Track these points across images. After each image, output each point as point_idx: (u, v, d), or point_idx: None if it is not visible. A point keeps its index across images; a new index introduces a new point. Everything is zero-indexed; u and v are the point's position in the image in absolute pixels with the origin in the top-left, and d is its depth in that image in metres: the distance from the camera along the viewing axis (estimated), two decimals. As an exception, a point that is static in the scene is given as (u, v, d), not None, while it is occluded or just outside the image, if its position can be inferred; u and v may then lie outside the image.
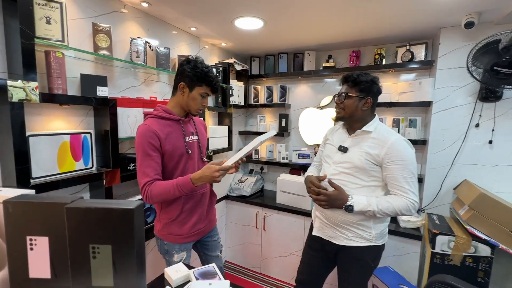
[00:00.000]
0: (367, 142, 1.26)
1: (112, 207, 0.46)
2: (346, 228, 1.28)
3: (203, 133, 1.46)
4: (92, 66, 1.43)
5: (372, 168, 1.24)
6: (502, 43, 1.43)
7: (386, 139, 1.22)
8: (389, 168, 1.21)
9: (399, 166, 1.19)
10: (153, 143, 1.16)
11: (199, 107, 1.27)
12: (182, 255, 1.33)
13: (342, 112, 1.30)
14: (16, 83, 1.01)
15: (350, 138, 1.33)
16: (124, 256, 0.47)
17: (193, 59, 1.25)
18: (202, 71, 1.21)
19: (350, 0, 1.49)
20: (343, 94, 1.28)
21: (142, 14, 1.71)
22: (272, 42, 2.33)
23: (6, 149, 1.06)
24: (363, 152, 1.24)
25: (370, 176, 1.25)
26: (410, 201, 1.18)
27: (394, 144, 1.20)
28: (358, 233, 1.27)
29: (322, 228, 1.38)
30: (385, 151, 1.20)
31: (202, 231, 1.39)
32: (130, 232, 0.46)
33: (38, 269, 0.48)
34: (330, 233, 1.34)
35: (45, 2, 1.13)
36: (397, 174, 1.19)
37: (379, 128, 1.28)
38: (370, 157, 1.23)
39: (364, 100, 1.26)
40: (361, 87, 1.25)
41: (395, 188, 1.21)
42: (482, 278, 1.57)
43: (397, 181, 1.19)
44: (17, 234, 0.47)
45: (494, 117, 1.76)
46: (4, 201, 0.47)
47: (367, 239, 1.27)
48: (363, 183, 1.25)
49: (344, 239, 1.29)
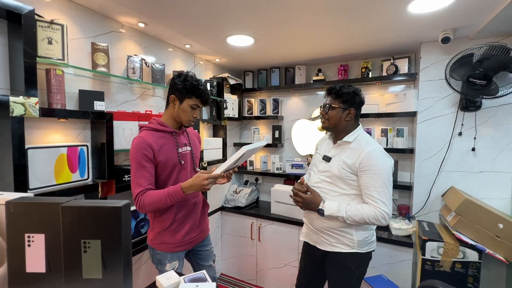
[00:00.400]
0: (346, 152, 1.31)
1: (102, 205, 0.52)
2: (328, 234, 1.34)
3: (197, 144, 1.51)
4: (90, 82, 1.51)
5: (348, 177, 1.28)
6: (475, 57, 1.54)
7: (362, 149, 1.27)
8: (361, 177, 1.25)
9: (370, 175, 1.22)
10: (147, 155, 1.21)
11: (190, 119, 1.32)
12: (174, 264, 1.35)
13: (326, 122, 1.36)
14: (18, 99, 1.08)
15: (333, 148, 1.39)
16: (112, 250, 0.52)
17: (183, 73, 1.31)
18: (191, 84, 1.27)
19: (334, 18, 1.61)
20: (327, 106, 1.35)
21: (139, 33, 1.81)
22: (264, 58, 2.44)
23: (5, 161, 1.11)
24: (341, 161, 1.30)
25: (349, 185, 1.29)
26: (379, 211, 1.19)
27: (369, 154, 1.24)
28: (340, 239, 1.31)
29: (308, 234, 1.46)
30: (360, 160, 1.24)
31: (194, 240, 1.42)
32: (118, 228, 0.51)
33: (34, 264, 0.52)
34: (316, 238, 1.40)
35: (48, 24, 1.22)
36: (368, 183, 1.23)
37: (359, 138, 1.33)
38: (346, 166, 1.28)
39: (347, 111, 1.32)
40: (344, 98, 1.31)
41: (366, 197, 1.25)
42: (472, 283, 1.59)
43: (368, 190, 1.23)
44: (17, 232, 0.52)
45: (475, 126, 1.84)
46: (7, 202, 0.52)
47: (349, 245, 1.31)
48: (342, 191, 1.31)
49: (328, 244, 1.34)
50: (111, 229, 0.51)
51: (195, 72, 2.38)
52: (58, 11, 1.36)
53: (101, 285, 0.51)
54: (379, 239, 1.95)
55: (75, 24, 1.44)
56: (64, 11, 1.38)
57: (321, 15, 1.56)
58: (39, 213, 0.52)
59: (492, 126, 1.81)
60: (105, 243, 0.51)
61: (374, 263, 1.98)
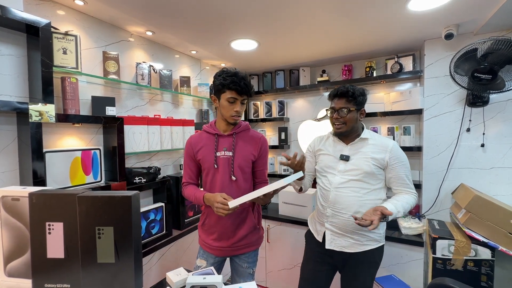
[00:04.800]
0: (368, 148, 1.33)
1: (114, 195, 0.57)
2: (359, 234, 1.31)
3: (246, 151, 1.32)
4: (102, 89, 1.59)
5: (378, 171, 1.32)
6: (480, 52, 1.53)
7: (386, 144, 1.33)
8: (394, 169, 1.32)
9: (401, 167, 1.31)
10: (188, 152, 1.36)
11: (231, 114, 1.25)
12: (202, 262, 1.34)
13: (344, 126, 1.33)
14: (36, 106, 1.16)
15: (348, 146, 1.37)
16: (123, 236, 0.56)
17: (221, 70, 1.26)
18: (223, 78, 1.21)
19: (336, 20, 1.64)
20: (344, 109, 1.31)
21: (147, 41, 1.89)
22: (268, 61, 2.49)
23: (26, 164, 1.18)
24: (369, 158, 1.31)
25: (377, 179, 1.33)
26: (416, 196, 1.33)
27: (395, 147, 1.33)
28: (371, 236, 1.32)
29: (334, 240, 1.36)
30: (389, 154, 1.31)
31: (226, 250, 1.34)
32: (129, 215, 0.56)
33: (54, 250, 0.58)
34: (343, 243, 1.34)
35: (63, 36, 1.30)
36: (402, 173, 1.32)
37: (373, 135, 1.38)
38: (376, 162, 1.31)
39: (359, 111, 1.35)
40: (358, 100, 1.31)
41: (401, 186, 1.33)
42: (486, 282, 1.55)
43: (402, 179, 1.32)
44: (39, 221, 0.58)
45: (484, 121, 1.81)
46: (30, 193, 0.58)
47: (377, 240, 1.35)
48: (371, 187, 1.32)
49: (358, 245, 1.32)
50: (122, 217, 0.56)
51: (201, 78, 2.46)
52: (72, 23, 1.45)
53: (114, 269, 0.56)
54: (389, 239, 1.93)
55: (88, 35, 1.52)
56: (77, 23, 1.47)
57: (323, 17, 1.60)
58: (58, 203, 0.58)
59: (501, 121, 1.77)
60: (117, 229, 0.56)
61: (384, 263, 1.95)
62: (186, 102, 2.29)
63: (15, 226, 0.61)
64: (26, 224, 0.59)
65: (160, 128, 1.82)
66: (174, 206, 1.96)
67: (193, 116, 2.38)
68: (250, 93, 1.26)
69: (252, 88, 1.27)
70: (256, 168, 1.37)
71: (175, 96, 2.15)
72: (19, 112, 1.15)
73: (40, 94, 1.19)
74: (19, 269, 0.62)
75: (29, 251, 0.59)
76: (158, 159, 2.00)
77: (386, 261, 1.95)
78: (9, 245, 0.62)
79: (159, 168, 1.82)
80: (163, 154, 2.04)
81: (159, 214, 1.80)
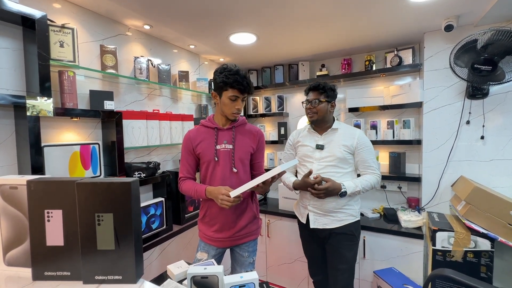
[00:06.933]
0: (339, 137, 1.54)
1: (113, 181, 0.56)
2: (338, 211, 1.51)
3: (246, 143, 1.36)
4: (100, 83, 1.58)
5: (348, 156, 1.53)
6: (480, 43, 1.52)
7: (353, 132, 1.55)
8: (360, 153, 1.52)
9: (366, 151, 1.52)
10: (187, 146, 1.36)
11: (232, 111, 1.28)
12: (203, 255, 1.35)
13: (315, 115, 1.54)
14: (34, 100, 1.15)
15: (322, 136, 1.58)
16: (123, 223, 0.56)
17: (222, 67, 1.27)
18: (225, 76, 1.23)
19: (336, 13, 1.62)
20: (316, 100, 1.52)
21: (145, 36, 1.88)
22: (267, 55, 2.47)
23: (24, 158, 1.18)
24: (340, 145, 1.52)
25: (348, 163, 1.54)
26: (379, 176, 1.53)
27: (361, 135, 1.55)
28: (347, 212, 1.52)
29: (316, 219, 1.55)
30: (356, 141, 1.52)
31: (227, 241, 1.36)
32: (128, 202, 0.56)
33: (53, 237, 0.57)
34: (325, 220, 1.53)
35: (59, 29, 1.29)
36: (367, 157, 1.52)
37: (342, 125, 1.60)
38: (346, 148, 1.52)
39: (330, 103, 1.55)
40: (328, 93, 1.53)
41: (366, 169, 1.53)
42: (485, 273, 1.56)
43: (367, 162, 1.52)
44: (37, 208, 0.57)
45: (484, 114, 1.81)
46: (28, 181, 0.57)
47: (354, 215, 1.54)
48: (344, 171, 1.53)
49: (337, 221, 1.51)
50: (122, 203, 0.56)
51: (200, 72, 2.44)
52: (69, 17, 1.44)
53: (114, 256, 0.56)
54: (389, 232, 1.93)
55: (85, 28, 1.51)
56: (74, 16, 1.46)
57: (322, 10, 1.58)
58: (57, 190, 0.57)
59: (501, 113, 1.77)
60: (117, 216, 0.56)
61: (384, 256, 1.96)
62: (185, 97, 2.28)
63: (13, 215, 0.61)
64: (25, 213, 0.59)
65: (159, 123, 1.81)
66: (174, 201, 1.96)
67: (192, 111, 2.37)
68: (251, 91, 1.31)
69: (252, 86, 1.32)
70: (254, 161, 1.43)
71: (174, 91, 2.14)
72: (16, 106, 1.14)
73: (37, 88, 1.18)
74: (19, 258, 0.62)
75: (28, 240, 0.59)
76: (157, 154, 2.00)
77: (386, 254, 1.96)
78: (8, 234, 0.61)
79: (159, 163, 1.81)
80: (162, 149, 2.03)
81: (159, 209, 1.80)
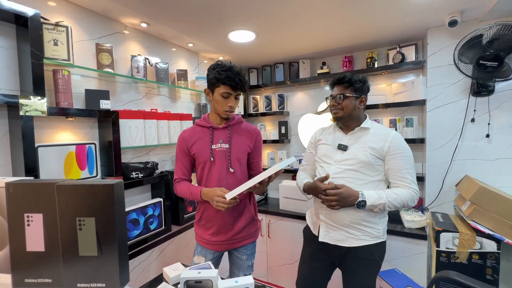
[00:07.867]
0: (368, 138, 1.28)
1: (95, 183, 0.54)
2: (355, 228, 1.24)
3: (243, 142, 1.32)
4: (96, 82, 1.55)
5: (376, 162, 1.25)
6: (485, 38, 1.47)
7: (387, 133, 1.27)
8: (392, 160, 1.23)
9: (401, 158, 1.22)
10: (181, 147, 1.32)
11: (225, 109, 1.23)
12: (201, 259, 1.31)
13: (340, 112, 1.30)
14: (26, 99, 1.12)
15: (347, 136, 1.33)
16: (106, 227, 0.53)
17: (215, 63, 1.23)
18: (217, 72, 1.19)
19: (336, 9, 1.58)
20: (340, 96, 1.29)
21: (142, 34, 1.85)
22: (267, 53, 2.44)
23: (17, 158, 1.16)
24: (367, 147, 1.25)
25: (375, 170, 1.25)
26: (414, 192, 1.21)
27: (397, 137, 1.25)
28: (367, 231, 1.24)
29: (328, 232, 1.30)
30: (389, 144, 1.23)
31: (225, 244, 1.32)
32: (111, 205, 0.53)
33: (34, 243, 0.55)
34: (338, 236, 1.27)
35: (53, 27, 1.26)
36: (400, 165, 1.22)
37: (375, 125, 1.33)
38: (374, 151, 1.24)
39: (359, 98, 1.30)
40: (356, 86, 1.28)
41: (398, 180, 1.23)
42: (491, 275, 1.52)
43: (401, 172, 1.22)
44: (17, 212, 0.55)
45: (489, 111, 1.76)
46: (6, 183, 0.55)
47: (376, 236, 1.25)
48: (368, 178, 1.24)
49: (354, 239, 1.24)
50: (105, 207, 0.53)
51: (199, 71, 2.41)
52: (63, 15, 1.41)
53: (97, 262, 0.53)
54: (392, 232, 1.89)
55: (80, 26, 1.48)
56: (68, 14, 1.43)
57: (322, 6, 1.54)
58: (36, 193, 0.55)
59: (507, 110, 1.72)
60: (99, 220, 0.53)
61: (387, 257, 1.90)
62: (183, 96, 2.25)
63: (-6, 218, 0.58)
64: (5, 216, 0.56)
65: (157, 123, 1.79)
66: (172, 201, 1.93)
67: (191, 110, 2.35)
68: (245, 88, 1.24)
69: (246, 83, 1.25)
70: (251, 160, 1.38)
71: (172, 90, 2.11)
72: (10, 106, 1.12)
73: (31, 87, 1.16)
74: (-1, 263, 0.59)
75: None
76: (155, 154, 1.97)
77: (388, 255, 1.91)
78: (-12, 239, 0.59)
79: (157, 163, 1.79)
80: (160, 149, 2.01)
81: (157, 209, 1.77)
